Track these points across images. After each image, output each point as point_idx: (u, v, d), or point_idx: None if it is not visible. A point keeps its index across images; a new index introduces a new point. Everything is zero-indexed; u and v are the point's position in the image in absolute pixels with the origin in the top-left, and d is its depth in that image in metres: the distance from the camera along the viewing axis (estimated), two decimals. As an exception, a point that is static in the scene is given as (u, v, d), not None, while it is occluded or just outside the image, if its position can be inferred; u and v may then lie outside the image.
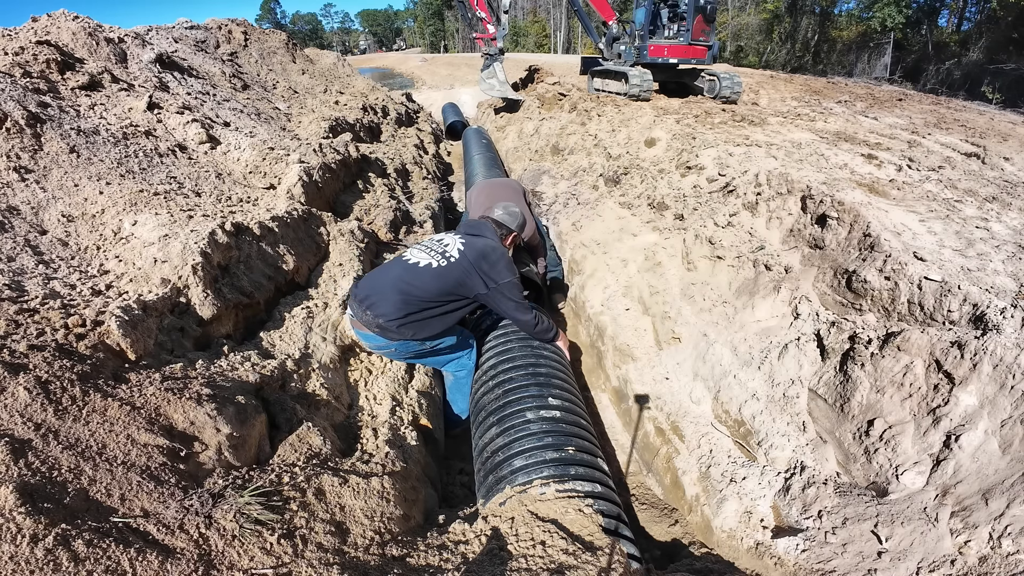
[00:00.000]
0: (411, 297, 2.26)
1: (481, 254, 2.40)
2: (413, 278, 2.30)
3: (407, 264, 2.36)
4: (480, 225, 2.62)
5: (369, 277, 2.45)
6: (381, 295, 2.28)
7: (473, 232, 2.55)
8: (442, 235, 2.57)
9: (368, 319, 2.27)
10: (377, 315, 2.24)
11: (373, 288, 2.33)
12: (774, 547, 2.01)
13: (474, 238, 2.50)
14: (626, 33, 9.22)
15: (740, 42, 29.43)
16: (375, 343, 2.41)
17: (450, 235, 2.55)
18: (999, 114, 8.61)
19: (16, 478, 1.11)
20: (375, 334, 2.31)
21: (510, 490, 1.75)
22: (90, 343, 1.61)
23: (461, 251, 2.39)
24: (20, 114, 2.90)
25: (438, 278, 2.30)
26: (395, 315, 2.24)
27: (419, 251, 2.43)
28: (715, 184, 3.98)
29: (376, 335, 2.31)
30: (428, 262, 2.34)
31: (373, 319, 2.25)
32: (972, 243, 2.57)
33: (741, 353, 2.78)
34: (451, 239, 2.48)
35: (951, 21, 22.83)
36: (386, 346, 2.40)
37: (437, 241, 2.50)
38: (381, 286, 2.32)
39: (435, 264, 2.33)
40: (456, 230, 2.66)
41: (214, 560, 1.19)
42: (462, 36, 61.86)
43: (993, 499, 1.66)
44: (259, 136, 4.54)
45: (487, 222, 2.68)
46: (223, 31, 8.72)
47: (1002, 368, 1.82)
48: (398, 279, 2.31)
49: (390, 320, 2.24)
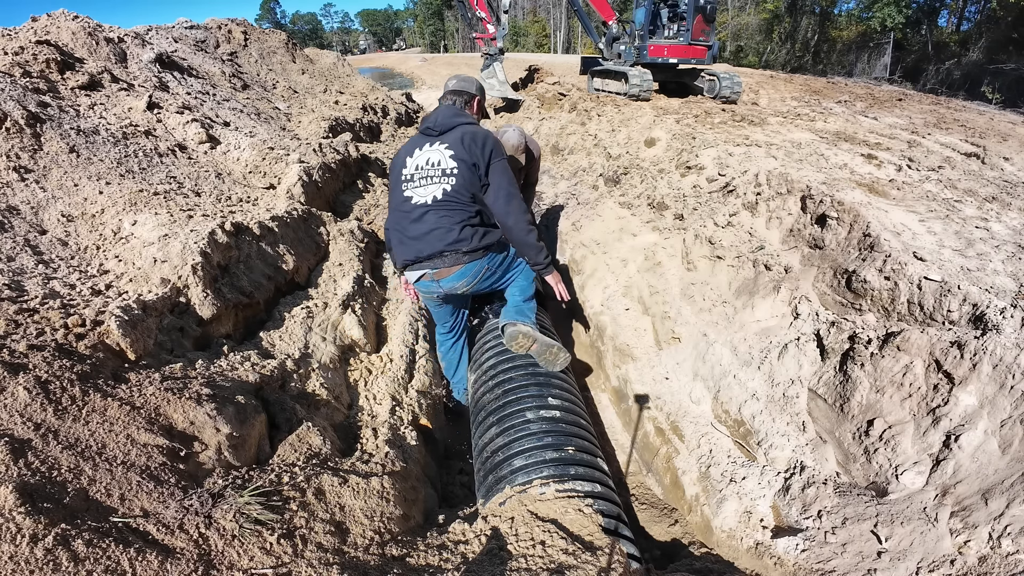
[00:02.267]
0: (456, 222, 2.25)
1: (469, 143, 2.27)
2: (445, 210, 2.26)
3: (426, 205, 2.27)
4: (444, 112, 2.40)
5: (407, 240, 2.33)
6: (436, 237, 2.25)
7: (447, 126, 2.35)
8: (424, 154, 2.34)
9: (446, 261, 2.24)
10: (448, 249, 2.23)
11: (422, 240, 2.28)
12: (774, 547, 2.02)
13: (451, 132, 2.32)
14: (626, 33, 9.21)
15: (740, 42, 29.42)
16: (462, 278, 2.34)
17: (429, 148, 2.34)
18: (999, 114, 8.61)
19: (16, 478, 1.11)
20: (459, 271, 2.27)
21: (510, 490, 1.75)
22: (90, 343, 1.61)
23: (453, 155, 2.27)
24: (20, 114, 2.89)
25: (458, 197, 2.26)
26: (460, 237, 2.23)
27: (422, 185, 2.30)
28: (715, 184, 3.98)
29: (460, 271, 2.28)
30: (440, 189, 2.26)
31: (453, 255, 2.23)
32: (972, 243, 2.57)
33: (741, 353, 2.78)
34: (437, 153, 2.31)
35: (951, 21, 22.84)
36: (474, 273, 2.34)
37: (429, 166, 2.31)
38: (429, 235, 2.27)
39: (449, 187, 2.26)
40: (425, 132, 2.40)
41: (214, 560, 1.19)
42: (462, 36, 61.85)
43: (993, 499, 1.66)
44: (259, 136, 4.54)
45: (446, 101, 2.48)
46: (223, 31, 8.72)
47: (1002, 368, 1.82)
48: (435, 221, 2.26)
49: (458, 242, 2.22)
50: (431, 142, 2.34)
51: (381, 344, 2.82)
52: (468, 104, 2.51)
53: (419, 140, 2.39)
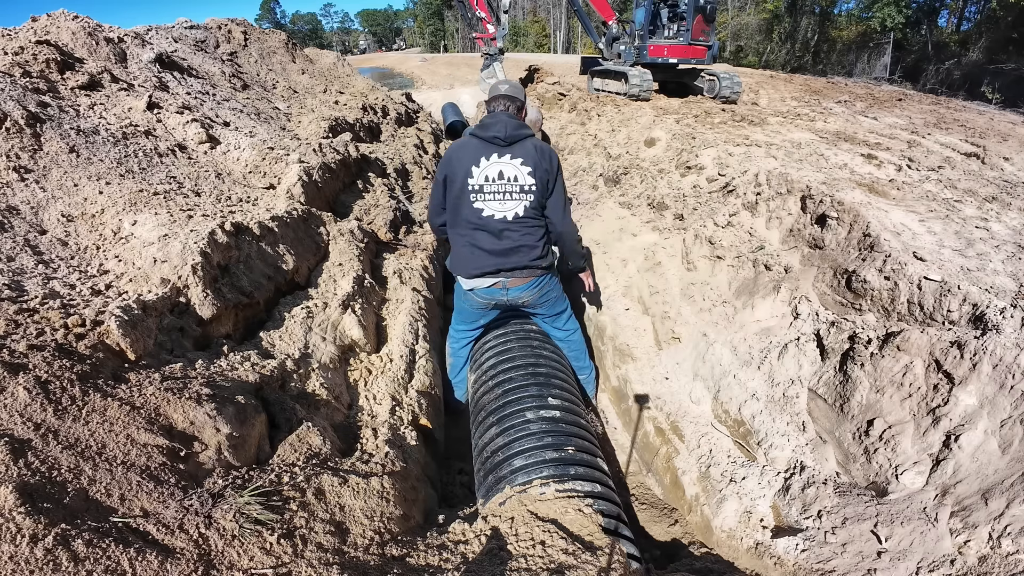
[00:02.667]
0: (538, 239, 2.42)
1: (543, 160, 2.34)
2: (527, 228, 2.38)
3: (506, 221, 2.35)
4: (508, 122, 2.35)
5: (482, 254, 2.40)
6: (523, 254, 2.40)
7: (515, 138, 2.33)
8: (495, 165, 2.32)
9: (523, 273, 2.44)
10: (532, 264, 2.42)
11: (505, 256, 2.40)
12: (774, 547, 2.02)
13: (521, 146, 2.33)
14: (626, 33, 9.22)
15: (740, 42, 29.42)
16: (530, 288, 2.53)
17: (499, 159, 2.32)
18: (999, 114, 8.61)
19: (16, 478, 1.11)
20: (530, 282, 2.48)
21: (510, 490, 1.75)
22: (90, 343, 1.61)
23: (531, 172, 2.32)
24: (20, 114, 2.89)
25: (536, 215, 2.39)
26: (543, 254, 2.45)
27: (498, 200, 2.33)
28: (715, 184, 3.98)
29: (531, 282, 2.49)
30: (520, 206, 2.34)
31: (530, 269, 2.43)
32: (972, 243, 2.57)
33: (741, 353, 2.78)
34: (511, 168, 2.32)
35: (951, 21, 22.84)
36: (541, 287, 2.56)
37: (503, 180, 2.32)
38: (515, 251, 2.39)
39: (528, 204, 2.35)
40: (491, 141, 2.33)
41: (214, 560, 1.19)
42: (462, 36, 61.84)
43: (993, 499, 1.66)
44: (259, 136, 4.54)
45: (499, 106, 2.42)
46: (223, 31, 8.72)
47: (1002, 368, 1.82)
48: (518, 238, 2.38)
49: (540, 259, 2.44)
50: (499, 153, 2.33)
51: (381, 344, 2.82)
52: (519, 111, 2.51)
53: (483, 148, 2.33)
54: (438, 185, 2.45)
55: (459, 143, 2.43)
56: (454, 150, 2.40)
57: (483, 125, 2.38)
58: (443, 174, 2.41)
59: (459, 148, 2.40)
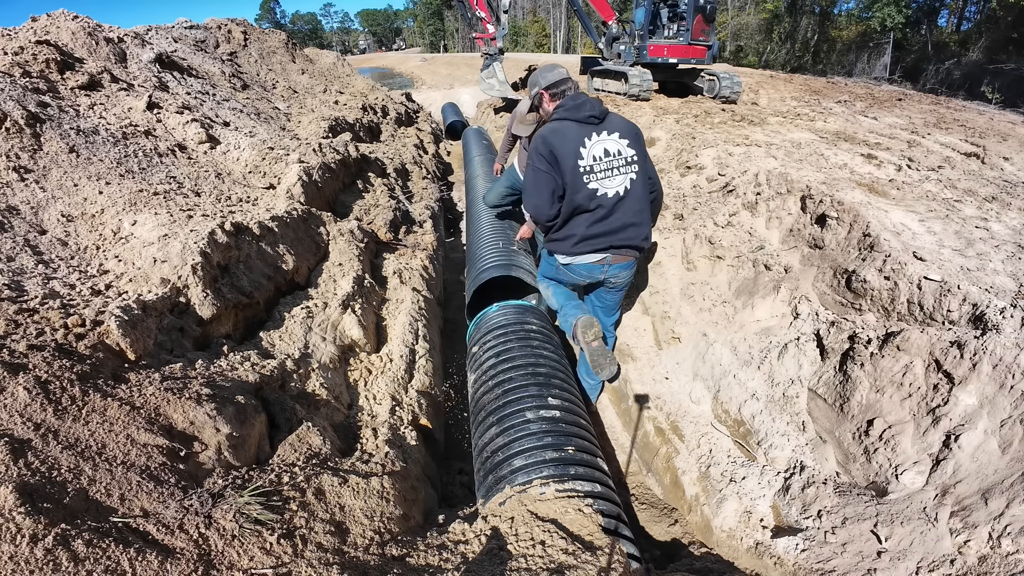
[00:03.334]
0: (646, 216, 2.50)
1: (636, 133, 2.42)
2: (636, 202, 2.42)
3: (617, 196, 2.37)
4: (591, 101, 2.38)
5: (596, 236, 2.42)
6: (634, 232, 2.45)
7: (604, 114, 2.37)
8: (598, 143, 2.32)
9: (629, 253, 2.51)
10: (642, 244, 2.50)
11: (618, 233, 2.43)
12: (774, 547, 2.02)
13: (611, 121, 2.37)
14: (626, 33, 9.21)
15: (740, 42, 29.42)
16: (628, 268, 2.62)
17: (598, 137, 2.32)
18: (999, 114, 8.61)
19: (16, 478, 1.11)
20: (629, 261, 2.57)
21: (510, 490, 1.75)
22: (90, 343, 1.61)
23: (630, 143, 2.37)
24: (20, 114, 2.89)
25: (642, 188, 2.44)
26: (649, 233, 2.52)
27: (608, 176, 2.33)
28: (715, 184, 3.98)
29: (631, 262, 2.58)
30: (627, 178, 2.38)
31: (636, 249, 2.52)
32: (972, 243, 2.57)
33: (741, 353, 2.78)
34: (612, 143, 2.34)
35: (951, 21, 22.83)
36: (632, 268, 2.66)
37: (609, 157, 2.33)
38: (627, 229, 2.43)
39: (634, 176, 2.39)
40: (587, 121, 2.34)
41: (214, 560, 1.19)
42: (462, 36, 61.84)
43: (993, 499, 1.66)
44: (259, 136, 4.54)
45: (568, 88, 2.43)
46: (223, 31, 8.72)
47: (1002, 368, 1.82)
48: (632, 208, 2.41)
49: (647, 239, 2.51)
50: (597, 131, 2.34)
51: (381, 344, 2.82)
52: None
53: (584, 129, 2.33)
54: (545, 175, 2.31)
55: (551, 129, 2.33)
56: (552, 137, 2.30)
57: (573, 107, 2.34)
58: (548, 163, 2.30)
59: (557, 134, 2.30)
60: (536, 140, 2.34)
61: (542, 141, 2.31)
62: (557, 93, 2.41)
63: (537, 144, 2.32)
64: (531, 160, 2.36)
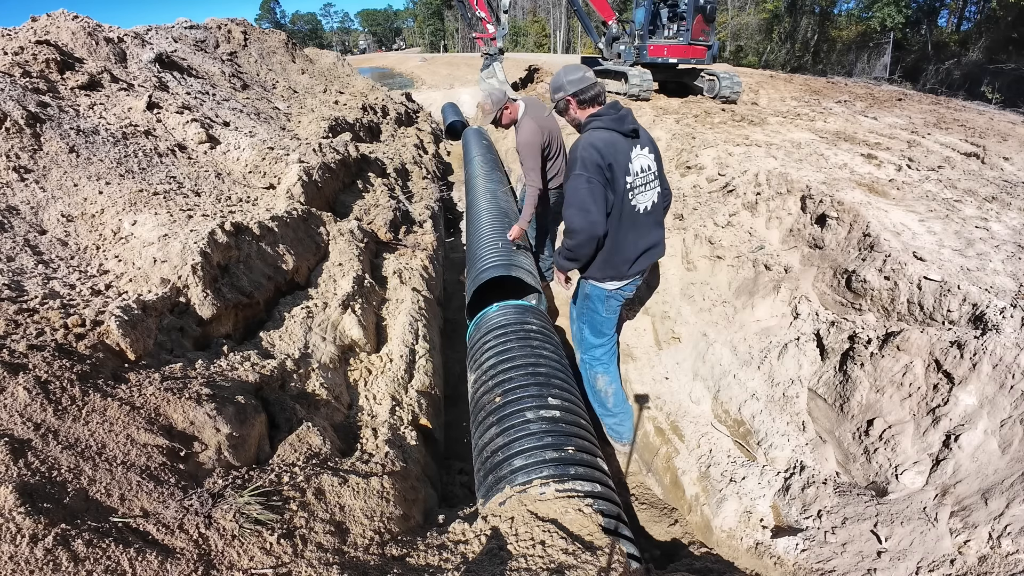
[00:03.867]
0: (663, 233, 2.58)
1: (652, 140, 2.44)
2: (658, 216, 2.50)
3: (647, 212, 2.39)
4: (628, 113, 2.29)
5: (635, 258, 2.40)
6: (661, 249, 2.54)
7: (638, 128, 2.30)
8: (638, 159, 2.27)
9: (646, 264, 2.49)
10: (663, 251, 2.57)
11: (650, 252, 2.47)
12: (774, 547, 2.02)
13: (643, 136, 2.35)
14: (626, 33, 9.22)
15: (740, 42, 29.41)
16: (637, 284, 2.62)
17: (641, 154, 2.29)
18: (999, 114, 8.61)
19: (16, 478, 1.11)
20: (643, 273, 2.57)
21: (510, 490, 1.75)
22: (90, 343, 1.61)
23: (655, 159, 2.42)
24: (20, 114, 2.89)
25: (663, 195, 2.52)
26: (664, 248, 2.59)
27: (642, 192, 2.33)
28: (715, 184, 3.98)
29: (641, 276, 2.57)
30: (655, 194, 2.41)
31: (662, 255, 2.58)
32: (972, 243, 2.57)
33: (741, 353, 2.78)
34: (645, 159, 2.31)
35: (951, 21, 22.83)
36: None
37: (644, 173, 2.31)
38: (657, 247, 2.51)
39: (658, 189, 2.44)
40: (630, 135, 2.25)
41: (214, 560, 1.19)
42: (462, 36, 61.85)
43: (993, 499, 1.66)
44: (259, 136, 4.54)
45: (602, 95, 2.35)
46: (223, 31, 8.71)
47: (1002, 368, 1.82)
48: (658, 221, 2.50)
49: (662, 254, 2.59)
50: (637, 145, 2.30)
51: (381, 344, 2.82)
52: None
53: (628, 143, 2.25)
54: (602, 189, 2.16)
55: (603, 140, 2.17)
56: (608, 150, 2.15)
57: (617, 118, 2.22)
58: (605, 177, 2.15)
59: (611, 146, 2.16)
60: (587, 150, 2.15)
61: (597, 153, 2.12)
62: (587, 100, 2.28)
63: (591, 155, 2.13)
64: (583, 171, 2.14)
